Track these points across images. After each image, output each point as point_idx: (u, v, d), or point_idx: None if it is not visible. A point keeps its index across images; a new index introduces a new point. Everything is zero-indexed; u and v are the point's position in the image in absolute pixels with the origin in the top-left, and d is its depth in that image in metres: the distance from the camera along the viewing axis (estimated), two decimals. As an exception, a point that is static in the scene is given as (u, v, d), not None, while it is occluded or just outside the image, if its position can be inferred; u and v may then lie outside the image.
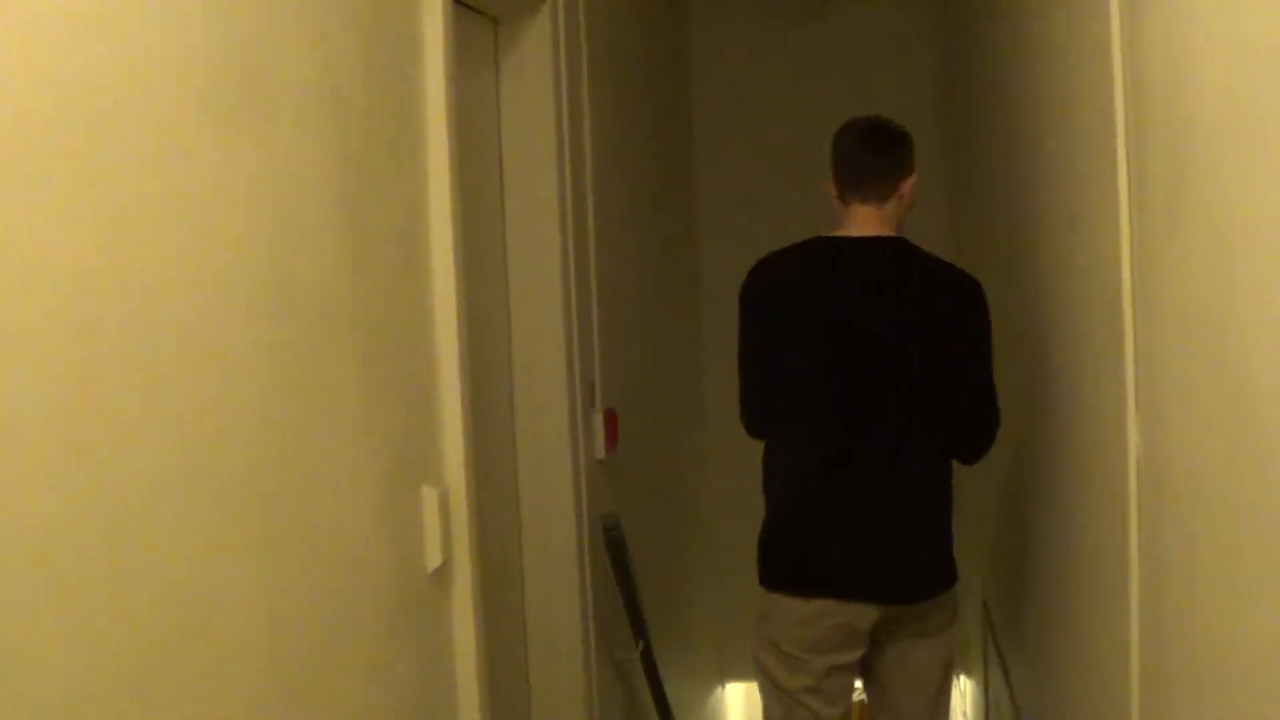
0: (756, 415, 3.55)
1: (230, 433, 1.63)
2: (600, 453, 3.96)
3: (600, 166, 4.08)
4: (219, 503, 1.60)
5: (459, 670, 2.56)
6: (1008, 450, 3.93)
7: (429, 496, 2.38)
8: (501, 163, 3.57)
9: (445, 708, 2.51)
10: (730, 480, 6.17)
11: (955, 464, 3.51)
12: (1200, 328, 1.74)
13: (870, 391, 3.38)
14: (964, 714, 7.51)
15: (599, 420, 3.95)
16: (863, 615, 3.39)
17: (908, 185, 3.48)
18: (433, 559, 2.40)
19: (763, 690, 3.59)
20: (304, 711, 1.86)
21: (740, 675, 7.36)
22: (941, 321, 3.41)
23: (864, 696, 3.80)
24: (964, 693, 7.18)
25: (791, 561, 3.44)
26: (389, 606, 2.20)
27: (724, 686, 7.39)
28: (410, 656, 2.32)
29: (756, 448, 3.56)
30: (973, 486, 5.72)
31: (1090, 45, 2.42)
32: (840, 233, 3.46)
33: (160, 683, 1.44)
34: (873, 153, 3.49)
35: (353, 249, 2.07)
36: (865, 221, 3.44)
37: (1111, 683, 2.44)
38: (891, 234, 3.44)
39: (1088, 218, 2.52)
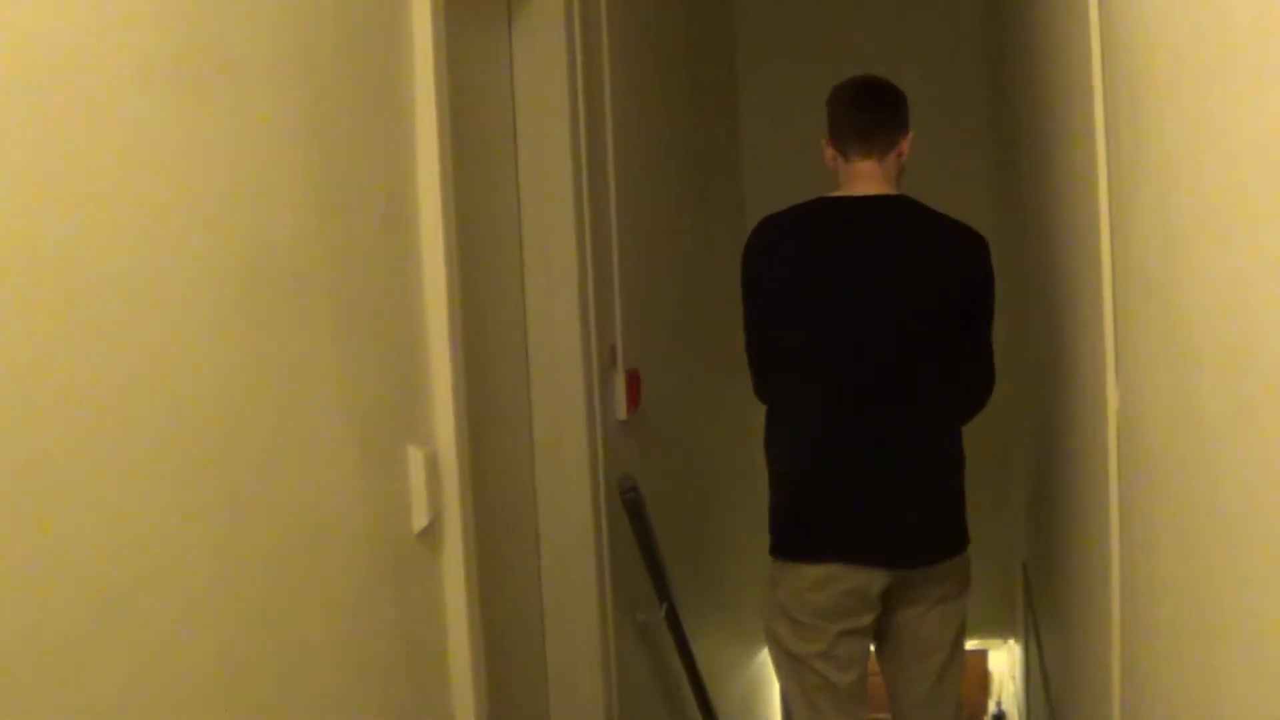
0: (762, 378, 3.53)
1: (192, 392, 1.62)
2: (622, 413, 3.95)
3: (622, 127, 4.05)
4: (178, 461, 1.59)
5: (450, 630, 2.55)
6: (1039, 411, 3.91)
7: (415, 457, 2.38)
8: (515, 119, 3.56)
9: (435, 666, 2.51)
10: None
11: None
12: (1154, 290, 1.72)
13: (879, 353, 3.36)
14: (1013, 677, 7.51)
15: (620, 381, 3.94)
16: (873, 580, 3.38)
17: (906, 142, 3.48)
18: (419, 520, 2.39)
19: (775, 659, 3.61)
20: (275, 670, 1.85)
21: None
22: (946, 278, 3.42)
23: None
24: (1013, 656, 7.16)
25: (801, 527, 3.44)
26: (368, 566, 2.19)
27: (765, 650, 7.36)
28: (395, 616, 2.32)
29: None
30: (1017, 453, 5.69)
31: (1075, 9, 2.40)
32: (843, 192, 3.46)
33: (107, 638, 1.44)
34: (873, 109, 3.49)
35: (328, 210, 2.06)
36: (868, 178, 3.44)
37: (1097, 644, 2.44)
38: (893, 191, 3.42)
39: (1078, 180, 2.50)
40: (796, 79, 6.68)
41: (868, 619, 3.44)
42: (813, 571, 3.39)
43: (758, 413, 3.62)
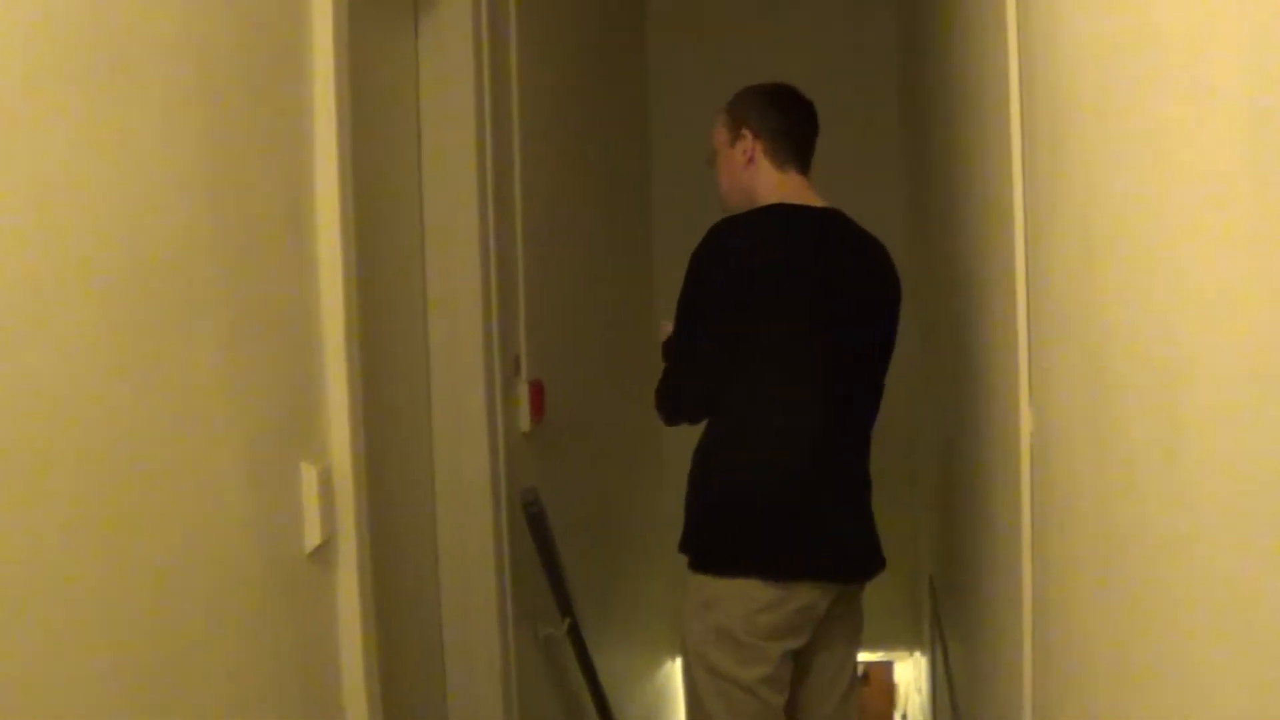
0: (708, 389, 3.32)
1: (70, 402, 1.54)
2: (525, 425, 3.88)
3: (530, 132, 3.99)
4: (53, 474, 1.51)
5: (344, 651, 2.48)
6: (948, 429, 3.90)
7: (308, 473, 2.30)
8: (420, 123, 3.48)
9: (328, 688, 2.43)
10: (687, 450, 6.13)
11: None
12: (1073, 313, 1.68)
13: (846, 366, 3.32)
14: (918, 690, 7.52)
15: (524, 391, 3.87)
16: (825, 596, 3.30)
17: None
18: (312, 538, 2.31)
19: (703, 685, 3.35)
20: (160, 693, 1.76)
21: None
22: (888, 299, 3.43)
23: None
24: (919, 668, 7.18)
25: (767, 545, 3.27)
26: (257, 586, 2.11)
27: (674, 660, 7.34)
28: (286, 638, 2.24)
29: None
30: (923, 466, 5.69)
31: (992, 19, 2.36)
32: (792, 201, 3.36)
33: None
34: (812, 121, 3.47)
35: (222, 215, 1.98)
36: (808, 191, 3.40)
37: (1008, 662, 2.42)
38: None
39: (992, 197, 2.47)
40: (707, 83, 6.66)
41: (808, 637, 3.34)
42: (769, 591, 3.23)
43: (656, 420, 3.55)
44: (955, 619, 4.10)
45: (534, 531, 3.86)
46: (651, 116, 6.90)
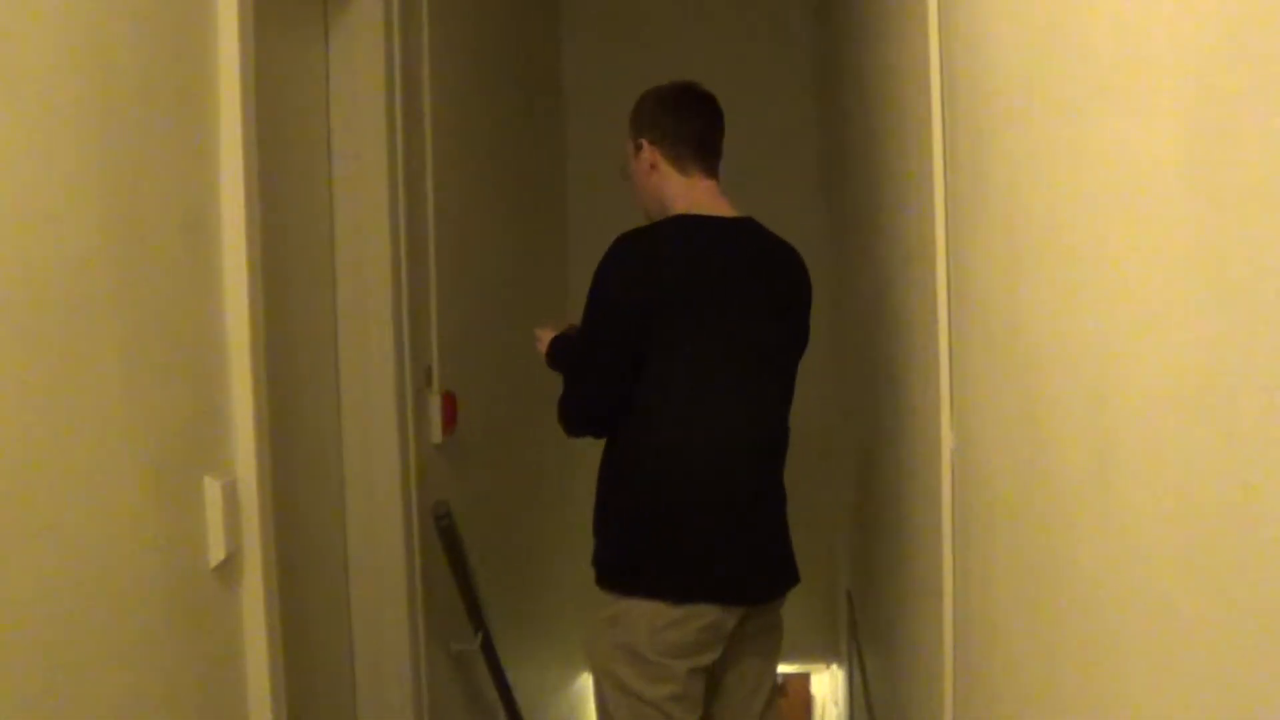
0: (611, 403, 3.22)
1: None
2: (437, 437, 3.83)
3: (443, 139, 3.94)
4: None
5: (250, 668, 2.41)
6: (866, 443, 3.89)
7: (211, 488, 2.23)
8: (330, 131, 3.42)
9: (233, 706, 2.37)
10: (596, 463, 6.09)
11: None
12: (997, 328, 1.65)
13: (761, 380, 3.28)
14: (835, 702, 7.51)
15: (436, 403, 3.81)
16: (733, 615, 3.23)
17: None
18: (216, 554, 2.25)
19: (613, 703, 3.28)
20: (51, 717, 1.70)
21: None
22: (801, 305, 3.39)
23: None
24: (836, 681, 7.18)
25: (674, 565, 3.19)
26: (157, 603, 2.04)
27: (588, 673, 7.29)
28: (188, 655, 2.17)
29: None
30: (839, 478, 5.68)
31: (913, 23, 2.33)
32: (699, 210, 3.27)
33: None
34: (711, 117, 3.40)
35: (118, 226, 1.91)
36: (718, 197, 3.33)
37: (928, 678, 2.40)
38: (740, 213, 3.33)
39: (913, 211, 2.44)
40: (623, 86, 6.62)
41: (718, 653, 3.27)
42: (673, 610, 3.16)
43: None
44: (873, 633, 4.09)
45: (446, 545, 3.80)
46: (568, 122, 6.86)
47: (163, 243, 2.07)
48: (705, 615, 3.17)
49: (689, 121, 3.35)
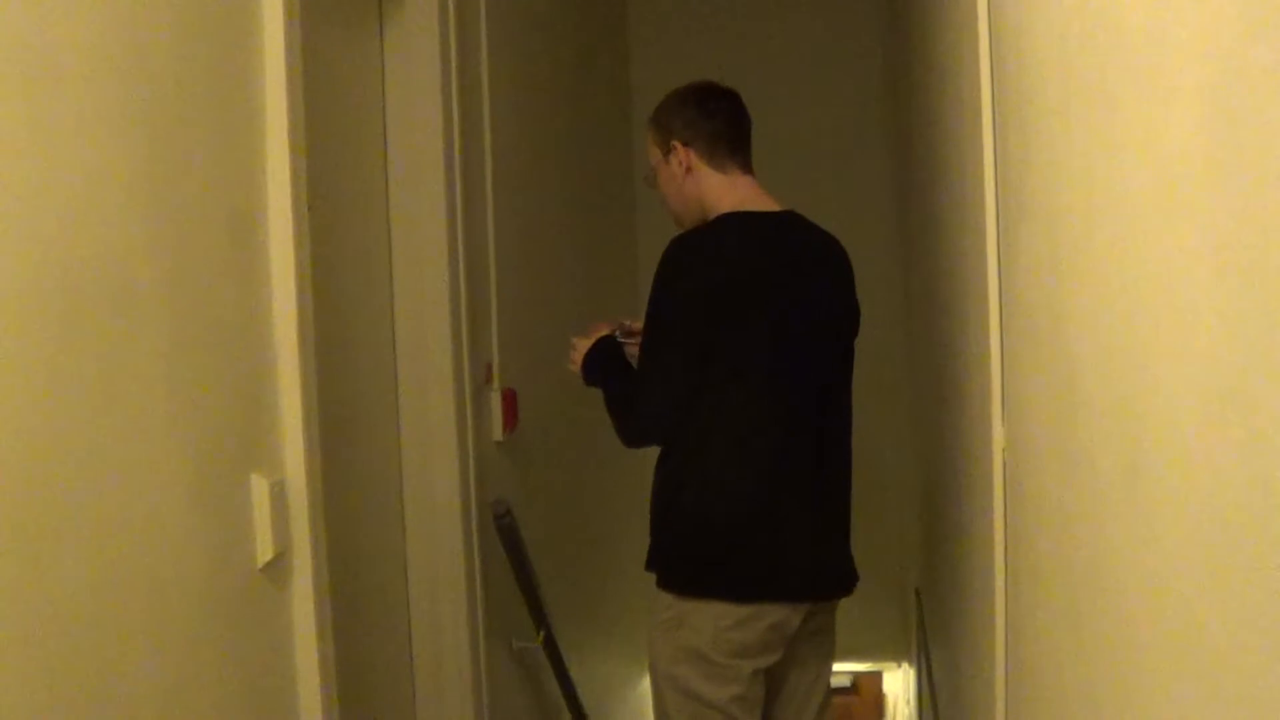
0: (672, 408, 3.16)
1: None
2: (498, 434, 3.81)
3: (503, 131, 3.92)
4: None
5: (300, 669, 2.40)
6: (930, 441, 3.86)
7: (258, 486, 2.23)
8: (385, 123, 3.41)
9: (283, 709, 2.36)
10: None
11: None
12: (1041, 325, 1.62)
13: (826, 378, 3.26)
14: (906, 701, 7.46)
15: (496, 400, 3.80)
16: (798, 613, 3.21)
17: None
18: (264, 553, 2.24)
19: (675, 708, 3.24)
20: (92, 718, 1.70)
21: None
22: (850, 290, 3.38)
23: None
24: (908, 679, 7.14)
25: (733, 566, 3.17)
26: (202, 603, 2.04)
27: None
28: (235, 657, 2.17)
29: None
30: (910, 476, 5.64)
31: (964, 21, 2.30)
32: (747, 207, 3.24)
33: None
34: (741, 112, 3.37)
35: (161, 221, 1.91)
36: (761, 193, 3.30)
37: (982, 676, 2.37)
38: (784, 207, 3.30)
39: (967, 202, 2.41)
40: (691, 74, 6.59)
41: (780, 654, 3.24)
42: (740, 609, 3.14)
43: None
44: (939, 631, 4.05)
45: (506, 543, 3.79)
46: (634, 114, 6.82)
47: (207, 239, 2.06)
48: (772, 614, 3.15)
49: (719, 118, 3.32)
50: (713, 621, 3.14)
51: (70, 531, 1.65)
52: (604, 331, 3.49)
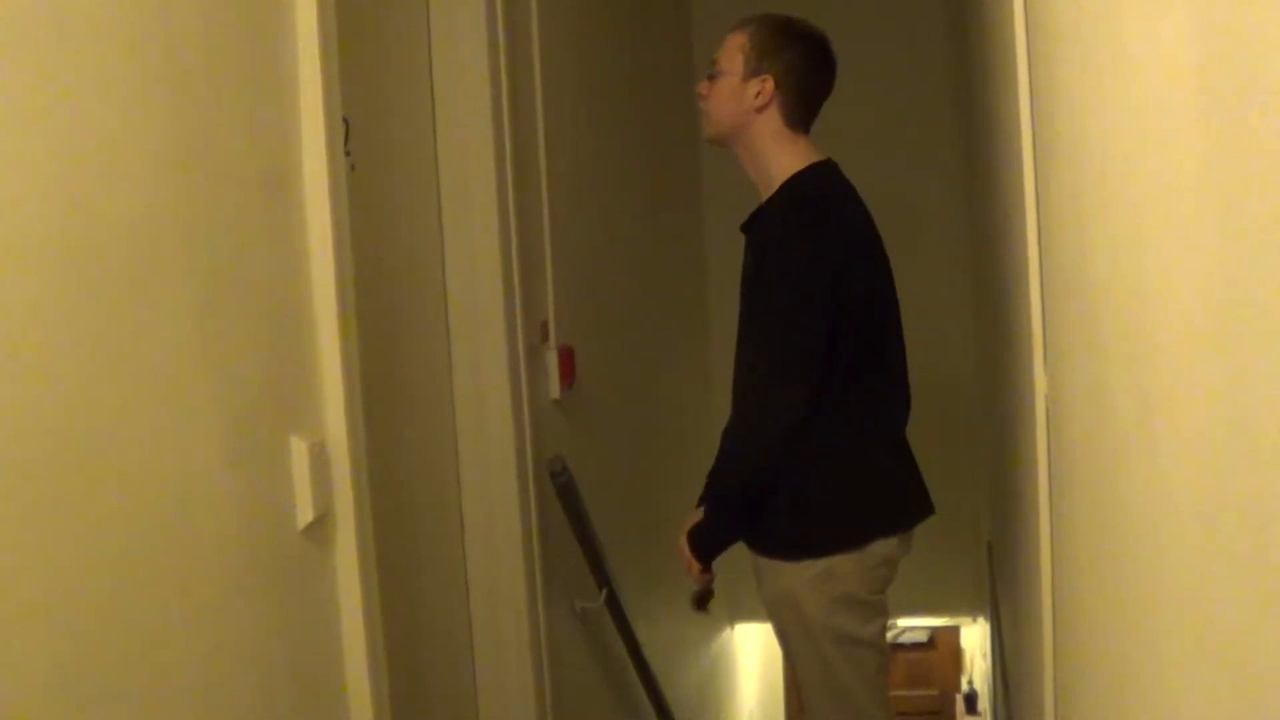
0: (822, 376, 3.07)
1: (14, 384, 1.47)
2: (554, 392, 3.80)
3: (555, 79, 3.89)
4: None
5: (345, 627, 2.40)
6: (992, 394, 3.86)
7: (298, 447, 2.21)
8: (432, 80, 3.38)
9: (327, 669, 2.35)
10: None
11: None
12: (1070, 269, 1.59)
13: (898, 326, 3.32)
14: (983, 655, 7.42)
15: (552, 358, 3.78)
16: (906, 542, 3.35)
17: None
18: (304, 515, 2.23)
19: (834, 659, 3.26)
20: (127, 681, 1.70)
21: (751, 616, 7.25)
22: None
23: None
24: (984, 634, 7.11)
25: (888, 505, 3.30)
26: (240, 566, 2.03)
27: (733, 627, 7.28)
28: (276, 619, 2.16)
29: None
30: (981, 430, 5.60)
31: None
32: (812, 160, 3.20)
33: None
34: (833, 86, 3.29)
35: (191, 182, 1.90)
36: (815, 148, 3.24)
37: (1034, 625, 2.38)
38: None
39: (1010, 150, 2.39)
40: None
41: None
42: (883, 546, 3.23)
43: (710, 388, 3.45)
44: (1005, 584, 4.03)
45: (564, 502, 3.77)
46: (697, 69, 6.77)
47: (240, 200, 2.05)
48: (892, 544, 3.26)
49: (823, 87, 3.24)
50: (859, 564, 3.20)
51: (103, 494, 1.64)
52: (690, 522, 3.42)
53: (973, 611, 7.24)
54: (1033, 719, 2.57)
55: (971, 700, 8.20)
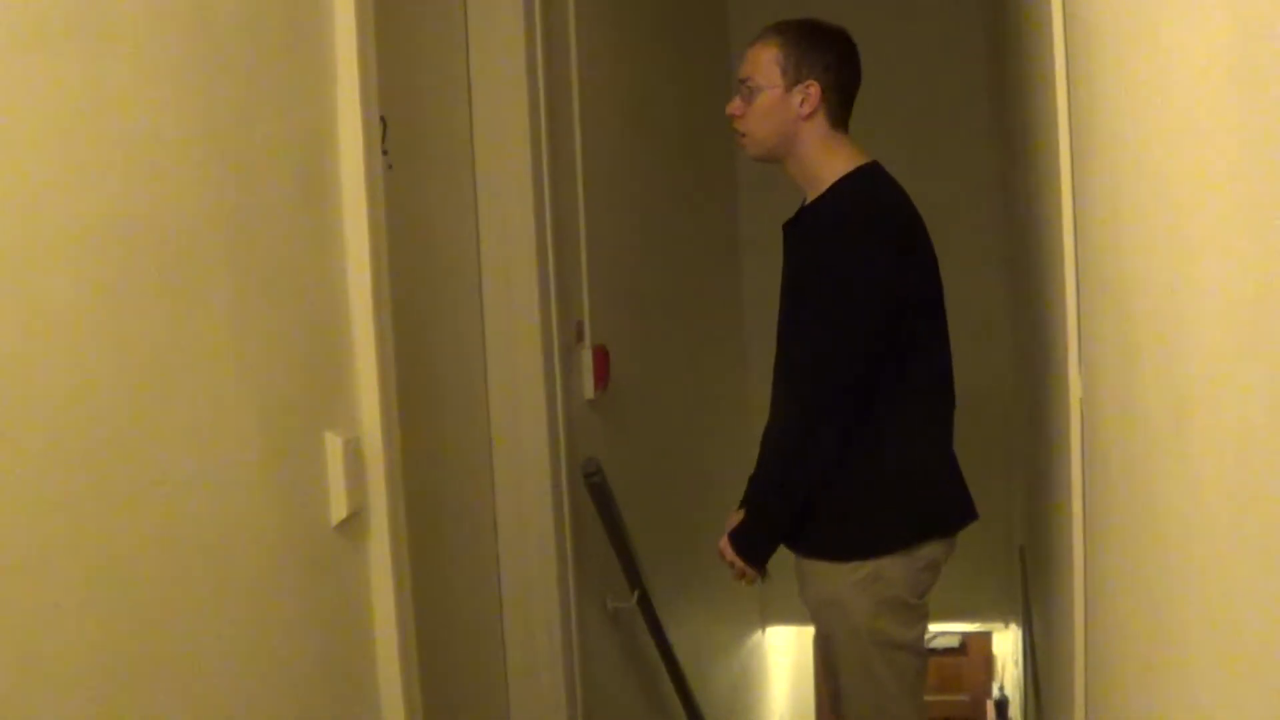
0: (871, 371, 3.07)
1: (51, 375, 1.48)
2: (589, 392, 3.80)
3: (591, 80, 3.89)
4: (33, 452, 1.45)
5: (377, 623, 2.40)
6: (1027, 397, 3.84)
7: (332, 443, 2.22)
8: (470, 78, 3.39)
9: (359, 666, 2.36)
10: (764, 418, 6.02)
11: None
12: (1107, 275, 1.58)
13: (946, 329, 3.27)
14: (1015, 661, 7.39)
15: (587, 358, 3.78)
16: (950, 546, 3.33)
17: None
18: (338, 510, 2.24)
19: (876, 662, 3.24)
20: (160, 674, 1.70)
21: (782, 618, 7.24)
22: None
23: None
24: (1016, 639, 7.08)
25: (936, 507, 3.27)
26: (274, 561, 2.04)
27: (764, 630, 7.27)
28: (309, 615, 2.17)
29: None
30: (1015, 434, 5.58)
31: None
32: (859, 163, 3.17)
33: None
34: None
35: (226, 177, 1.90)
36: (860, 151, 3.21)
37: (1065, 634, 2.37)
38: None
39: (1046, 149, 2.37)
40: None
41: None
42: (930, 549, 3.21)
43: (746, 389, 3.43)
44: (1038, 590, 4.02)
45: (596, 502, 3.77)
46: (733, 66, 6.75)
47: (275, 196, 2.06)
48: (939, 548, 3.23)
49: (856, 79, 3.22)
50: (907, 566, 3.18)
51: (139, 488, 1.65)
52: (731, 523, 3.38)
53: (1005, 617, 7.21)
54: (1063, 725, 2.56)
55: (1003, 707, 8.17)
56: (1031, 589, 4.52)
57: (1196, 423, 1.04)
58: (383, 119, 2.44)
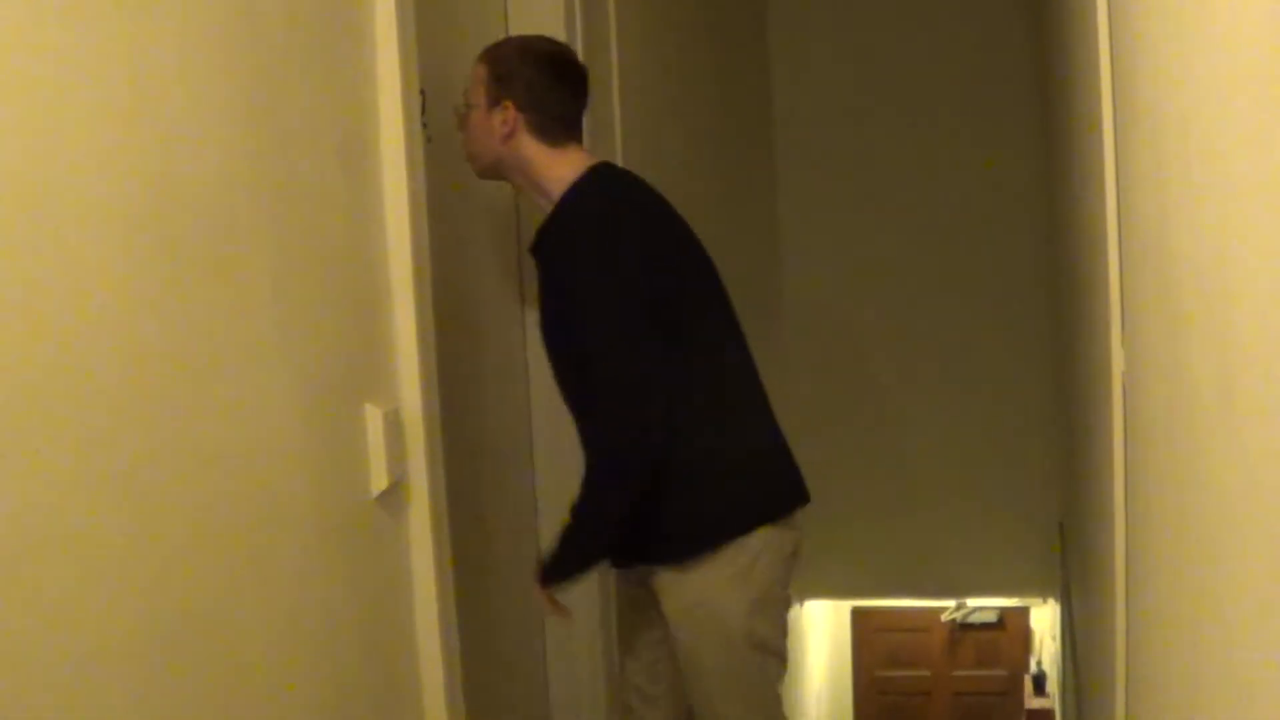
0: (662, 384, 2.88)
1: (91, 348, 1.48)
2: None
3: (631, 55, 3.90)
4: (76, 424, 1.45)
5: (417, 594, 2.41)
6: (1067, 374, 3.84)
7: (373, 415, 2.23)
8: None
9: (399, 635, 2.37)
10: (818, 385, 6.03)
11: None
12: (1151, 245, 1.57)
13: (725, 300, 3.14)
14: (1052, 637, 7.39)
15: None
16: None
17: None
18: (378, 482, 2.25)
19: (748, 669, 3.04)
20: (202, 641, 1.71)
21: (820, 592, 7.26)
22: None
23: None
24: (1054, 615, 7.09)
25: (772, 487, 3.08)
26: (315, 531, 2.05)
27: (801, 604, 7.28)
28: (349, 584, 2.18)
29: (841, 339, 3.19)
30: (1054, 409, 5.58)
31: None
32: (585, 166, 3.01)
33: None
34: (586, 92, 3.10)
35: (266, 149, 1.91)
36: (588, 154, 3.08)
37: (1106, 609, 2.36)
38: None
39: (1089, 120, 2.35)
40: (832, 52, 6.45)
41: None
42: (790, 532, 3.04)
43: (785, 386, 3.36)
44: (1078, 565, 4.01)
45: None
46: (773, 58, 6.72)
47: (314, 168, 2.06)
48: (775, 533, 3.02)
49: (568, 100, 3.05)
50: (774, 552, 2.99)
51: (180, 459, 1.66)
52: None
53: (1043, 592, 7.19)
54: (1103, 702, 2.55)
55: (1040, 681, 8.16)
56: (1071, 565, 4.52)
57: (1245, 395, 1.04)
58: (422, 92, 2.44)
